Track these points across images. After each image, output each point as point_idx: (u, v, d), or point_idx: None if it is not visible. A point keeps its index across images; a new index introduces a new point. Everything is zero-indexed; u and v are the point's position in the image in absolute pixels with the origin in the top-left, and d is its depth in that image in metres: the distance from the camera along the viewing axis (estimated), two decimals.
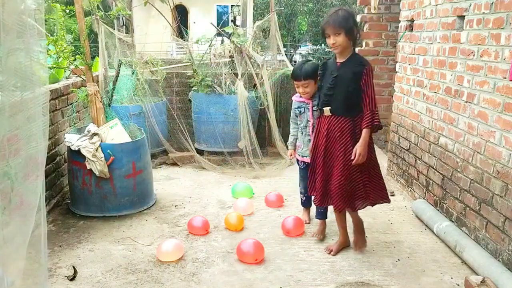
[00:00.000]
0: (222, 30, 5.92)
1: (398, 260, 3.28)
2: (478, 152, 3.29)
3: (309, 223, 3.87)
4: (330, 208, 3.38)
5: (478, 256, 3.08)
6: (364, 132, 3.02)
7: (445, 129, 3.79)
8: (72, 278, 2.96)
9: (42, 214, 1.76)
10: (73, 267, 3.08)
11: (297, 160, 3.80)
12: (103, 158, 3.81)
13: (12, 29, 1.50)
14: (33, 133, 1.63)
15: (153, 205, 4.25)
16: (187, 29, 9.80)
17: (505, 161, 2.95)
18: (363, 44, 6.33)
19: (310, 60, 3.29)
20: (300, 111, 3.64)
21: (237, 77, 5.53)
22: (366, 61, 3.09)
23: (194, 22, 19.78)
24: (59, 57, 4.14)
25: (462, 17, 3.55)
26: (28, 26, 1.55)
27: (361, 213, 4.16)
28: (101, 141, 3.88)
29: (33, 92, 1.62)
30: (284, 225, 3.69)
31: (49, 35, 4.14)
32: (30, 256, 1.75)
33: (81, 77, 4.35)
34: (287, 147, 5.98)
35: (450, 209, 3.71)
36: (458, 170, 3.56)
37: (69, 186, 4.19)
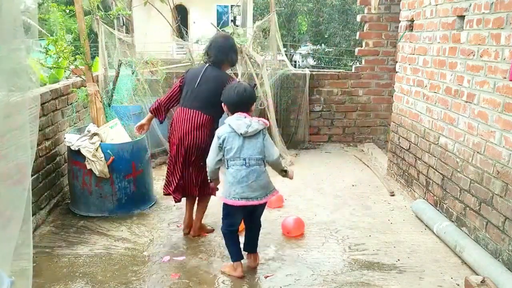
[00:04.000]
0: (222, 30, 5.91)
1: (398, 260, 3.28)
2: (478, 152, 3.28)
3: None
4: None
5: (478, 256, 3.08)
6: None
7: (445, 129, 3.79)
8: None
9: (30, 229, 1.70)
10: None
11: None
12: (103, 158, 3.81)
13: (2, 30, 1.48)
14: (20, 141, 1.58)
15: (153, 205, 4.25)
16: (187, 29, 9.79)
17: (505, 161, 2.95)
18: (363, 44, 6.34)
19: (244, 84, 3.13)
20: None
21: (237, 77, 5.53)
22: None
23: (194, 22, 19.79)
24: (59, 57, 4.13)
25: (462, 17, 3.54)
26: (17, 28, 1.52)
27: (361, 212, 4.17)
28: (101, 141, 3.88)
29: (22, 96, 1.57)
30: (284, 225, 3.69)
31: (49, 35, 4.14)
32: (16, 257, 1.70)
33: (81, 77, 4.35)
34: (287, 147, 5.97)
35: (450, 209, 3.71)
36: (458, 170, 3.56)
37: (69, 186, 4.19)
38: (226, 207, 3.02)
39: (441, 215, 3.78)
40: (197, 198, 3.63)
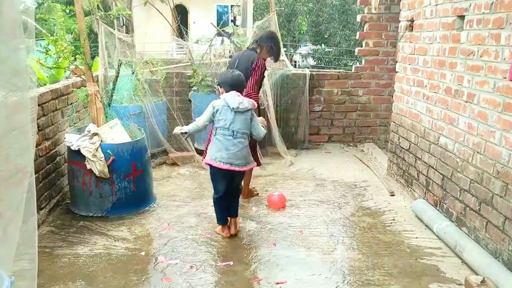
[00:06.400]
0: (222, 30, 5.92)
1: (398, 260, 3.28)
2: (478, 152, 3.29)
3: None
4: None
5: (478, 256, 3.08)
6: None
7: (445, 129, 3.79)
8: None
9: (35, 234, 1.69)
10: None
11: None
12: (103, 158, 3.81)
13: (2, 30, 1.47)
14: (21, 141, 1.57)
15: (153, 205, 4.25)
16: (187, 29, 9.79)
17: (505, 161, 2.95)
18: (363, 44, 6.34)
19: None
20: None
21: None
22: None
23: (194, 22, 19.78)
24: (59, 57, 4.13)
25: (462, 17, 3.55)
26: (17, 28, 1.51)
27: (361, 212, 4.17)
28: (101, 141, 3.88)
29: (22, 96, 1.56)
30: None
31: (49, 35, 4.14)
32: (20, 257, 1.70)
33: (81, 77, 4.35)
34: (287, 147, 5.97)
35: (450, 209, 3.71)
36: (458, 170, 3.56)
37: (69, 186, 4.19)
38: (212, 169, 3.49)
39: (441, 215, 3.78)
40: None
